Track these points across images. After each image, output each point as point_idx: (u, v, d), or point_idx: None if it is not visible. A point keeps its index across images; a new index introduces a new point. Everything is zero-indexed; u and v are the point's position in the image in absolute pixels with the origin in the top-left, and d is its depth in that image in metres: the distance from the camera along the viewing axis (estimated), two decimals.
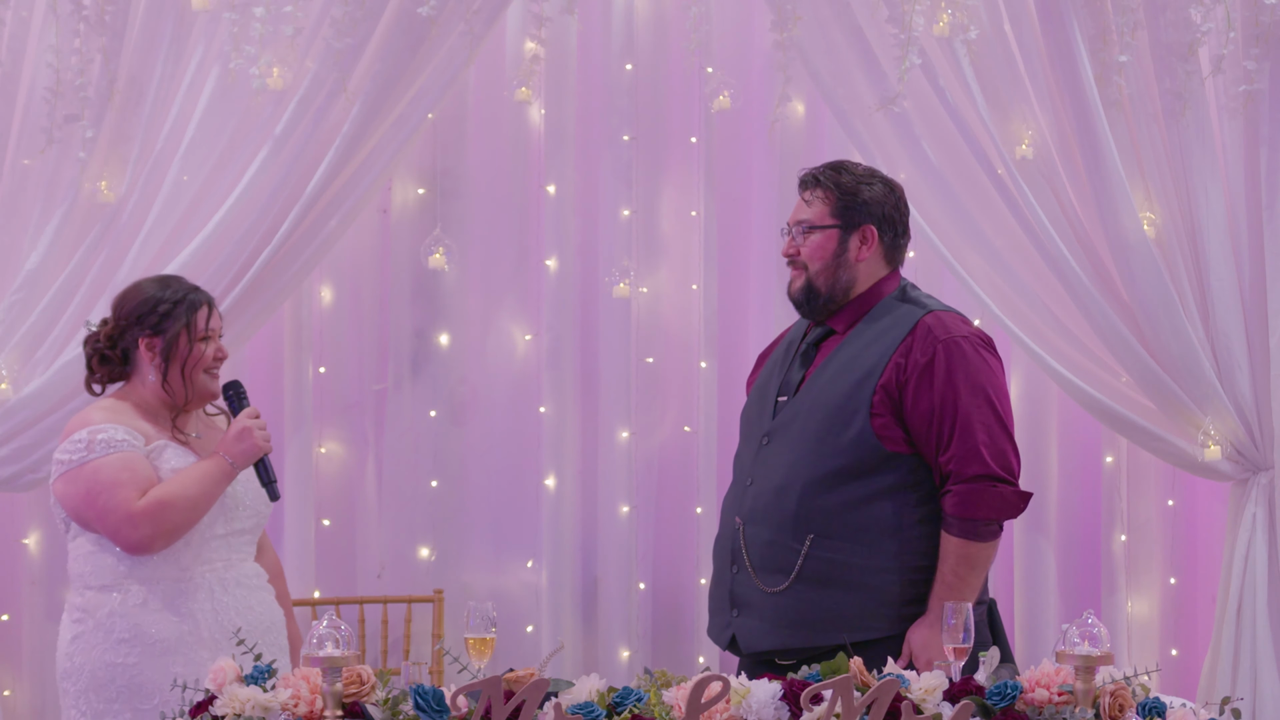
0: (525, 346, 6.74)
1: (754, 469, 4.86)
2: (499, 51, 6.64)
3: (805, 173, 4.94)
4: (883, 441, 4.70)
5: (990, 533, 4.71)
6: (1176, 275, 6.04)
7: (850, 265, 4.84)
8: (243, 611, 4.81)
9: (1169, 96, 5.99)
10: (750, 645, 4.81)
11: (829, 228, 4.84)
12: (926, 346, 4.72)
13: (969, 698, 3.88)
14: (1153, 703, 3.95)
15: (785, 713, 3.86)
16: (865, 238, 4.84)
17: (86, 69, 5.87)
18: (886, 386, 4.71)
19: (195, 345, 4.84)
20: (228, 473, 4.76)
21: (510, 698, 3.78)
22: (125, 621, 4.74)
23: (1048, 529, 6.58)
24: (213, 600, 4.79)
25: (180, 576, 4.77)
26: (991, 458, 4.67)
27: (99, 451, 4.71)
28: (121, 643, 4.73)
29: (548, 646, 6.50)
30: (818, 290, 4.85)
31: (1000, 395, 4.75)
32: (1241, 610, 6.07)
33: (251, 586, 4.89)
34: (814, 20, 6.01)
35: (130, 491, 4.68)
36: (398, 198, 6.66)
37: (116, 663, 4.72)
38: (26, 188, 5.96)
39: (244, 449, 4.77)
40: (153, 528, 4.68)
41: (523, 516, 6.70)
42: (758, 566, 4.78)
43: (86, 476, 4.71)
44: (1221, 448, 6.03)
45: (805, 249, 4.86)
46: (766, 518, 4.77)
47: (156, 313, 4.84)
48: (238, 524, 4.87)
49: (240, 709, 3.87)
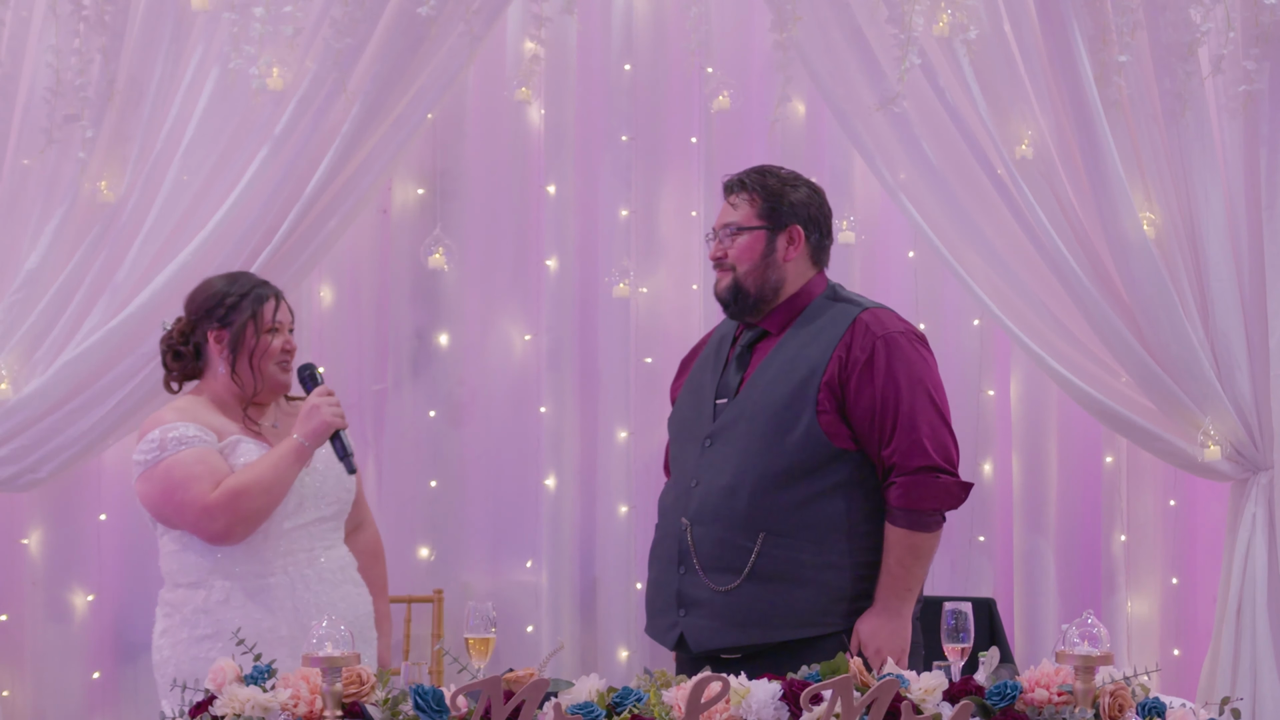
0: (525, 347, 6.74)
1: (698, 470, 4.89)
2: (499, 52, 6.64)
3: (730, 177, 5.01)
4: (830, 438, 4.76)
5: (934, 523, 4.78)
6: (1176, 275, 6.04)
7: (778, 265, 4.90)
8: (324, 608, 4.81)
9: (1169, 97, 5.99)
10: (701, 644, 4.83)
11: (756, 229, 4.91)
12: (865, 343, 4.79)
13: (969, 698, 3.88)
14: (1152, 703, 3.95)
15: (785, 713, 3.86)
16: (792, 238, 4.91)
17: (86, 69, 5.87)
18: (830, 383, 4.77)
19: (262, 337, 4.91)
20: (300, 451, 4.78)
21: (510, 698, 3.78)
22: (208, 618, 4.79)
23: (1048, 529, 6.59)
24: (293, 597, 4.82)
25: (261, 571, 4.80)
26: (934, 449, 4.74)
27: (172, 449, 4.76)
28: (205, 639, 4.78)
29: (547, 646, 6.50)
30: (746, 291, 4.91)
31: (937, 388, 4.83)
32: (1241, 610, 6.07)
33: (334, 581, 4.90)
34: (814, 20, 6.01)
35: (204, 485, 4.72)
36: (397, 198, 6.66)
37: (200, 657, 4.76)
38: (26, 188, 5.96)
39: (314, 426, 4.79)
40: (229, 517, 4.72)
41: (522, 516, 6.70)
42: (707, 566, 4.81)
43: (161, 475, 4.76)
44: (1221, 448, 6.02)
45: (733, 251, 4.92)
46: (716, 518, 4.81)
47: (224, 305, 4.91)
48: (318, 512, 4.90)
49: (240, 709, 3.87)
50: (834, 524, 4.76)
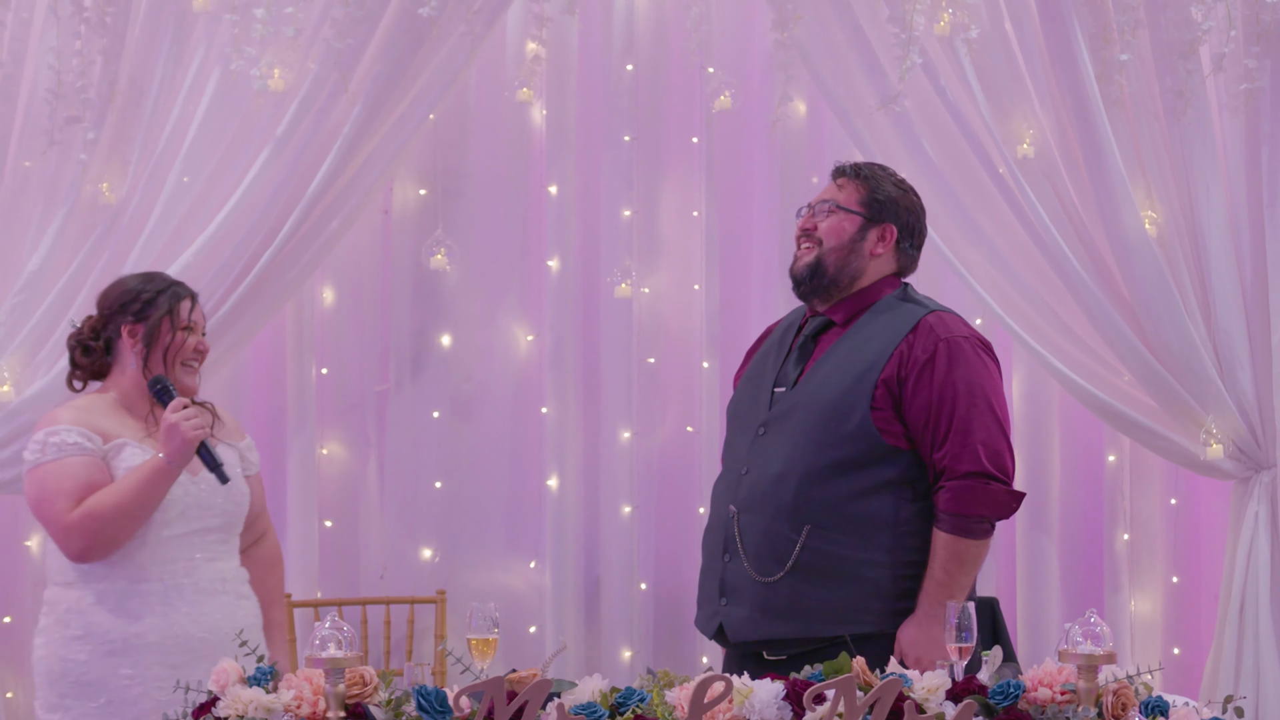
0: (527, 347, 6.74)
1: (750, 458, 4.86)
2: (500, 52, 6.64)
3: (844, 164, 4.98)
4: (883, 435, 4.71)
5: (982, 530, 4.71)
6: (1178, 273, 6.04)
7: (863, 255, 4.87)
8: (197, 619, 4.77)
9: (1170, 95, 5.99)
10: (738, 634, 4.81)
11: (854, 213, 4.88)
12: (928, 344, 4.74)
13: (972, 697, 3.88)
14: (1155, 701, 3.95)
15: (788, 712, 3.86)
16: (884, 235, 4.88)
17: (87, 70, 5.87)
18: (888, 381, 4.72)
19: (177, 334, 4.86)
20: (165, 472, 4.70)
21: (513, 698, 3.78)
22: (79, 619, 4.76)
23: (1050, 528, 6.58)
24: (165, 606, 4.76)
25: (136, 577, 4.76)
26: (986, 457, 4.69)
27: (50, 455, 4.73)
28: (74, 639, 4.76)
29: (550, 647, 6.50)
30: (825, 269, 4.87)
31: (998, 397, 4.77)
32: (1244, 608, 6.07)
33: (211, 592, 4.83)
34: (815, 20, 6.01)
35: (66, 502, 4.68)
36: (399, 198, 6.66)
37: (69, 658, 4.75)
38: (28, 189, 5.96)
39: (175, 445, 4.70)
40: (85, 540, 4.69)
41: (525, 517, 6.70)
42: (752, 555, 4.78)
43: (38, 481, 4.75)
44: (1224, 446, 6.02)
45: (824, 225, 4.89)
46: (763, 507, 4.77)
47: (140, 300, 4.89)
48: (201, 523, 4.84)
49: (243, 710, 3.87)
50: (880, 521, 4.71)
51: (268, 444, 6.43)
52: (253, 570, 5.04)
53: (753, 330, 6.68)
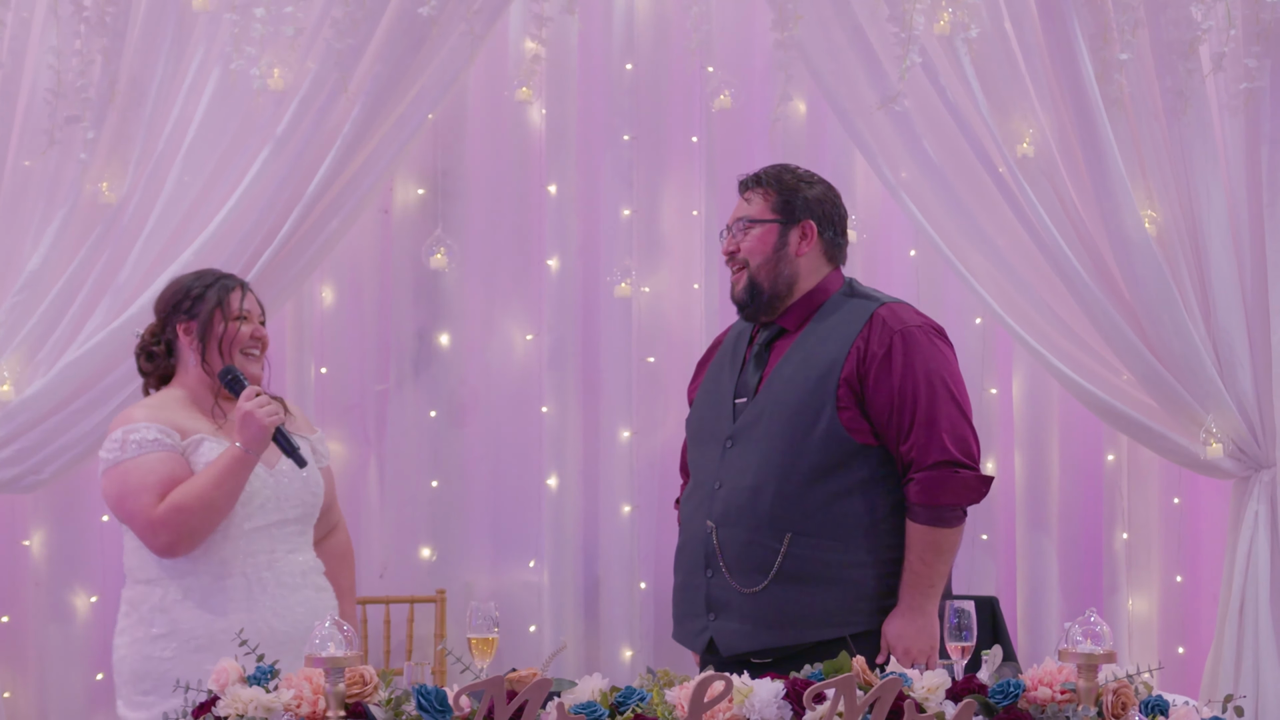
0: (527, 346, 6.74)
1: (720, 472, 4.86)
2: (500, 51, 6.64)
3: (745, 175, 5.00)
4: (851, 434, 4.73)
5: (954, 518, 4.74)
6: (1178, 273, 6.04)
7: (791, 260, 4.89)
8: (281, 614, 4.80)
9: (1170, 94, 5.99)
10: (731, 648, 4.80)
11: (769, 222, 4.89)
12: (883, 337, 4.76)
13: (972, 696, 3.88)
14: (1155, 701, 3.95)
15: (788, 712, 3.86)
16: (805, 233, 4.89)
17: (87, 70, 5.87)
18: (849, 379, 4.74)
19: (229, 324, 4.90)
20: (243, 460, 4.73)
21: (513, 698, 3.78)
22: (163, 617, 4.77)
23: (1049, 527, 6.58)
24: (249, 601, 4.79)
25: (220, 572, 4.78)
26: (952, 444, 4.71)
27: (131, 452, 4.75)
28: (159, 637, 4.77)
29: (550, 646, 6.50)
30: (760, 287, 4.89)
31: (956, 382, 4.79)
32: (1244, 608, 6.07)
33: (293, 586, 4.86)
34: (815, 19, 6.00)
35: (151, 497, 4.70)
36: (399, 198, 6.66)
37: (153, 656, 4.76)
38: (28, 189, 5.96)
39: (251, 433, 4.74)
40: (171, 534, 4.70)
41: (525, 516, 6.70)
42: (734, 568, 4.78)
43: (118, 477, 4.76)
44: (1223, 445, 6.02)
45: (745, 244, 4.90)
46: (741, 519, 4.78)
47: (190, 297, 4.92)
48: (280, 514, 4.87)
49: (243, 709, 3.87)
50: (857, 522, 4.73)
51: None
52: (326, 563, 5.07)
53: None
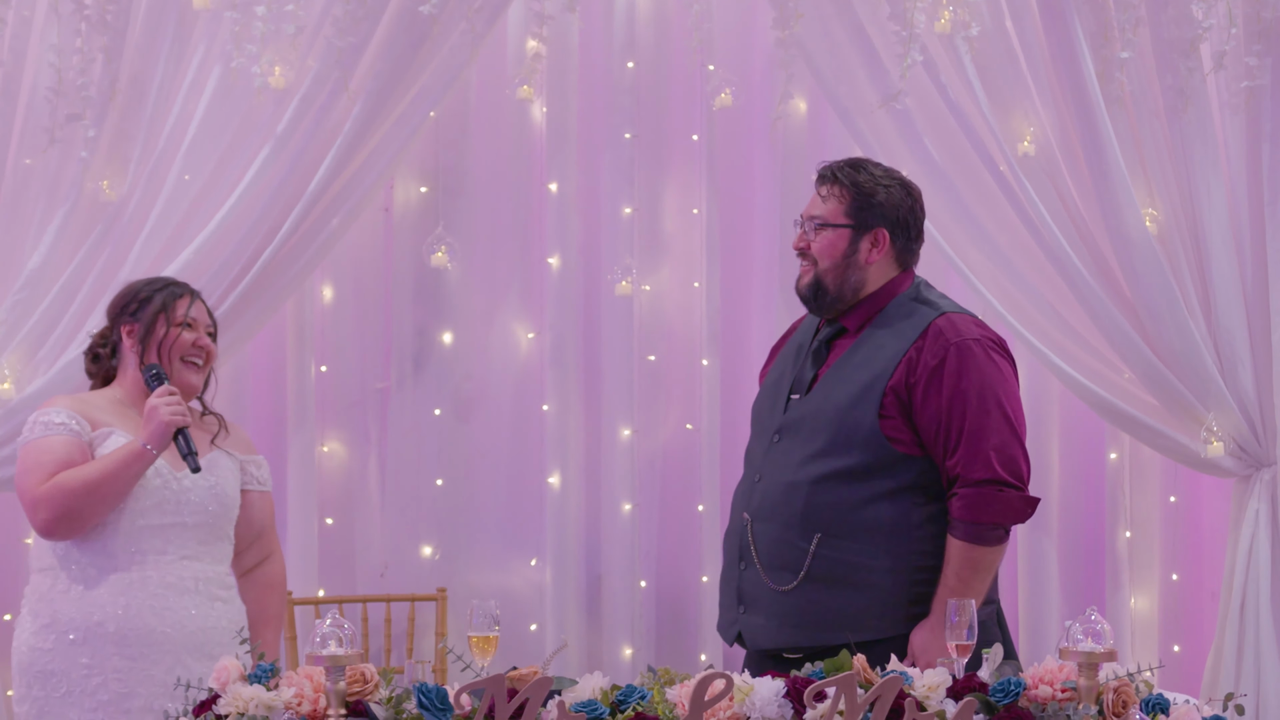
0: (528, 344, 6.74)
1: (764, 465, 4.83)
2: (501, 50, 6.63)
3: (824, 166, 4.89)
4: (893, 443, 4.67)
5: (996, 537, 4.67)
6: (1179, 271, 6.04)
7: (860, 267, 4.80)
8: (160, 613, 4.75)
9: (1171, 93, 5.99)
10: (757, 643, 4.79)
11: (841, 227, 4.80)
12: (937, 349, 4.68)
13: (972, 695, 3.88)
14: (1156, 699, 3.95)
15: (789, 710, 3.86)
16: (876, 240, 4.80)
17: (88, 68, 5.87)
18: (896, 388, 4.67)
19: (171, 329, 4.87)
20: (140, 454, 4.70)
21: (514, 696, 3.78)
22: (47, 608, 4.76)
23: (1051, 526, 6.58)
24: (127, 595, 4.75)
25: (104, 565, 4.75)
26: (1000, 463, 4.63)
27: (38, 433, 4.77)
28: (43, 629, 4.76)
29: (551, 644, 6.50)
30: (825, 288, 4.82)
31: (1011, 399, 4.71)
32: (1245, 606, 6.07)
33: (181, 589, 4.80)
34: (815, 17, 6.00)
35: (40, 475, 4.71)
36: (400, 196, 6.66)
37: (37, 647, 4.76)
38: (29, 187, 5.96)
39: (153, 428, 4.71)
40: (50, 511, 4.70)
41: (526, 514, 6.70)
42: (766, 564, 4.76)
43: (22, 457, 4.80)
44: (1224, 444, 6.03)
45: (816, 245, 4.82)
46: (774, 514, 4.75)
47: (137, 300, 4.92)
48: (177, 518, 4.82)
49: (244, 708, 3.87)
50: (891, 528, 4.67)
51: (268, 442, 6.43)
52: (252, 591, 5.03)
53: (753, 327, 6.70)
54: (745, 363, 6.70)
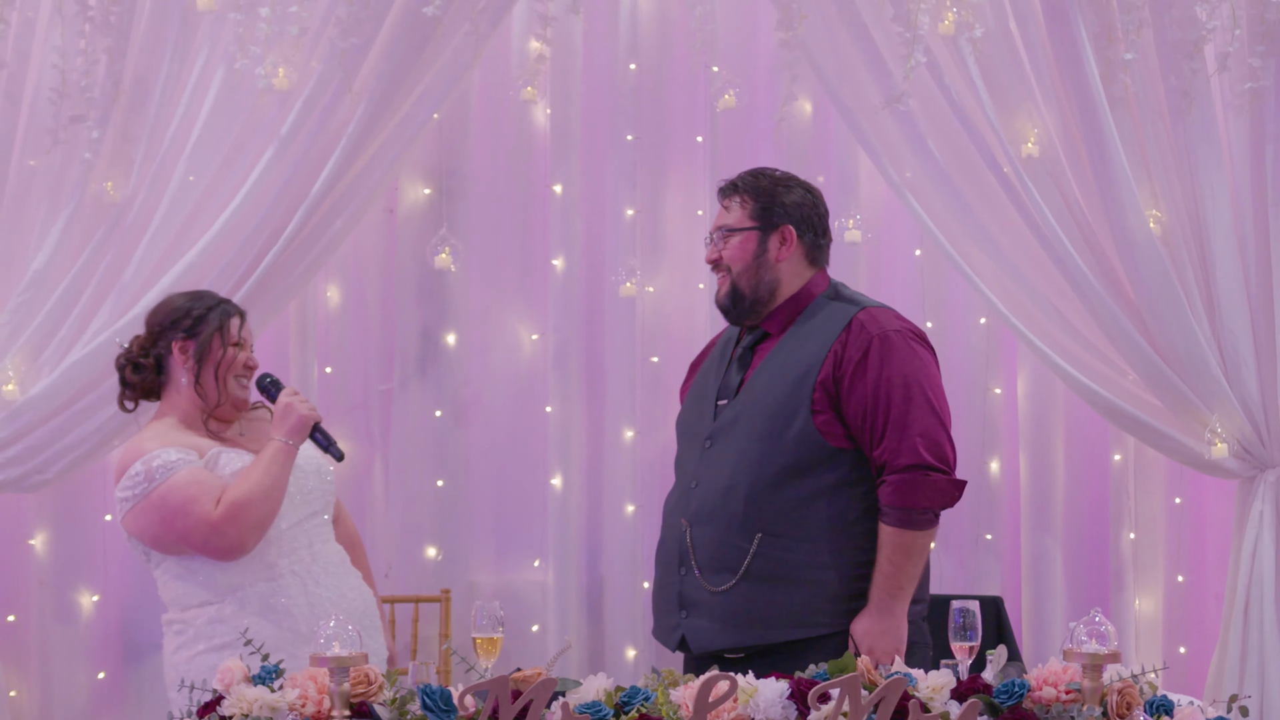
0: (531, 346, 6.75)
1: (698, 471, 4.89)
2: (504, 51, 6.64)
3: (724, 182, 5.02)
4: (825, 437, 4.75)
5: (925, 521, 4.74)
6: (1183, 273, 6.03)
7: (771, 265, 4.90)
8: (337, 600, 4.81)
9: (1175, 94, 5.98)
10: (701, 645, 4.83)
11: (748, 229, 4.91)
12: (860, 341, 4.77)
13: (977, 696, 3.88)
14: (1160, 700, 3.95)
15: (793, 711, 3.86)
16: (785, 238, 4.90)
17: (92, 70, 5.87)
18: (824, 383, 4.75)
19: (228, 349, 4.89)
20: (287, 451, 4.76)
21: (518, 697, 3.78)
22: (225, 627, 4.74)
23: (1055, 527, 6.58)
24: (306, 594, 4.79)
25: (269, 576, 4.78)
26: (925, 448, 4.71)
27: (160, 477, 4.71)
28: (224, 647, 4.72)
29: (555, 646, 6.51)
30: (742, 293, 4.91)
31: (933, 387, 4.79)
32: (1249, 607, 6.06)
33: (339, 573, 4.89)
34: (819, 19, 6.00)
35: (205, 504, 4.68)
36: (404, 198, 6.67)
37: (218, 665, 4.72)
38: (32, 188, 5.96)
39: (292, 424, 4.78)
40: (238, 529, 4.69)
41: (529, 516, 6.71)
42: (705, 567, 4.81)
43: (156, 504, 4.71)
44: (1228, 445, 6.02)
45: (726, 252, 4.94)
46: (714, 518, 4.81)
47: (191, 316, 4.91)
48: (308, 508, 4.88)
49: (248, 709, 3.87)
50: (828, 523, 4.75)
51: None
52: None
53: None
54: None
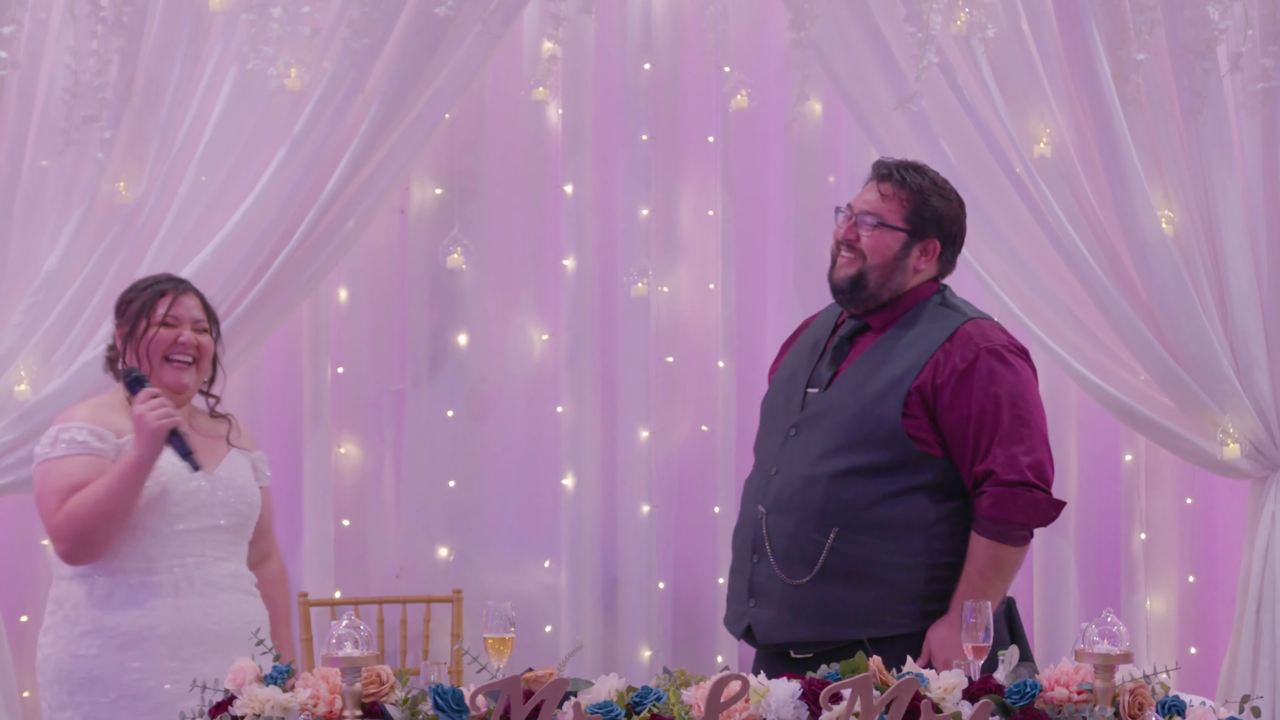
0: (543, 346, 6.74)
1: (779, 459, 4.83)
2: (516, 51, 6.64)
3: (884, 163, 4.89)
4: (914, 442, 4.68)
5: (1021, 538, 4.69)
6: (1195, 273, 6.03)
7: (906, 271, 4.82)
8: (208, 611, 4.78)
9: (1187, 94, 5.98)
10: (767, 637, 4.79)
11: (898, 229, 4.81)
12: (966, 353, 4.70)
13: (988, 696, 3.87)
14: (1172, 701, 3.94)
15: (804, 712, 3.85)
16: (928, 249, 4.83)
17: (104, 70, 5.87)
18: (921, 388, 4.69)
19: (150, 329, 4.86)
20: (137, 465, 4.69)
21: (529, 697, 3.78)
22: (89, 614, 4.75)
23: (1067, 528, 6.57)
24: (175, 597, 4.77)
25: (146, 569, 4.76)
26: (1029, 466, 4.65)
27: (59, 451, 4.76)
28: (84, 635, 4.75)
29: (567, 646, 6.50)
30: (867, 284, 4.81)
31: (1036, 406, 4.73)
32: (1261, 608, 6.06)
33: (223, 586, 4.84)
34: (831, 19, 6.00)
35: (56, 502, 4.70)
36: (415, 198, 6.66)
37: (79, 654, 4.74)
38: (45, 189, 5.97)
39: (142, 436, 4.69)
40: (69, 542, 4.71)
41: (541, 516, 6.70)
42: (780, 557, 4.75)
43: (41, 476, 4.78)
44: (1240, 446, 6.02)
45: (867, 239, 4.81)
46: (791, 508, 4.75)
47: (125, 301, 4.95)
48: (212, 520, 4.85)
49: (260, 709, 3.88)
50: (908, 524, 4.69)
51: (284, 444, 6.44)
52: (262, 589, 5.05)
53: (769, 329, 6.69)
54: (761, 364, 6.66)
